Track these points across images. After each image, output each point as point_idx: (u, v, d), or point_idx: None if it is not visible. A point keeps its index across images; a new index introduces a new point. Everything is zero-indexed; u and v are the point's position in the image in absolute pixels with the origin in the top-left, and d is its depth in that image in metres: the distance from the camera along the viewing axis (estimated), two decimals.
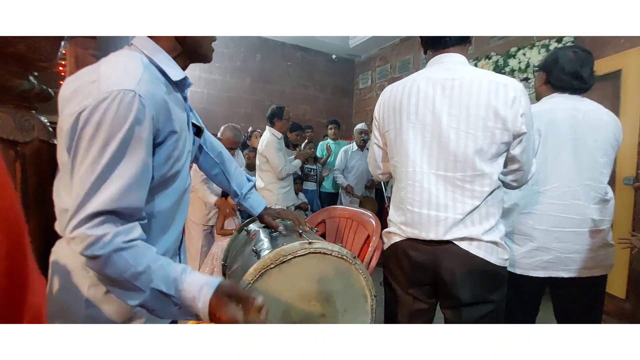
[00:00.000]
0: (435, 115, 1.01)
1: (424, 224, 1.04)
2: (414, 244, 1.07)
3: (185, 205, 0.83)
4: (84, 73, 0.66)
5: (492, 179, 1.00)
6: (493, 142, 0.98)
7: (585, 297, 1.34)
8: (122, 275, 0.60)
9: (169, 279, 0.62)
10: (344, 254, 0.95)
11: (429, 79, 1.04)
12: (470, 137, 0.98)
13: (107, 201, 0.59)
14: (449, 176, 1.01)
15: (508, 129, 0.97)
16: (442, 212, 1.01)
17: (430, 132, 1.02)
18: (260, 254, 0.95)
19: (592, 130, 1.28)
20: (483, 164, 0.99)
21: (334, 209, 1.59)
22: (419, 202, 1.04)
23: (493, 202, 1.03)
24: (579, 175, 1.28)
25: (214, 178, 1.11)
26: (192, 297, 0.61)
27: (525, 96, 0.99)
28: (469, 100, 0.98)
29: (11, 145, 0.73)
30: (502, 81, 0.98)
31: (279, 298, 0.90)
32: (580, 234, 1.28)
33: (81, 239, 0.58)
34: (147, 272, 0.61)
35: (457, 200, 1.01)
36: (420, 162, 1.04)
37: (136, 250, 0.61)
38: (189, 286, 0.62)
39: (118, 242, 0.59)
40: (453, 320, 1.06)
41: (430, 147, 1.03)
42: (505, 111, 0.96)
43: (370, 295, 0.98)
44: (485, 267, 1.00)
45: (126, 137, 0.60)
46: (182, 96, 0.79)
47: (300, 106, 5.92)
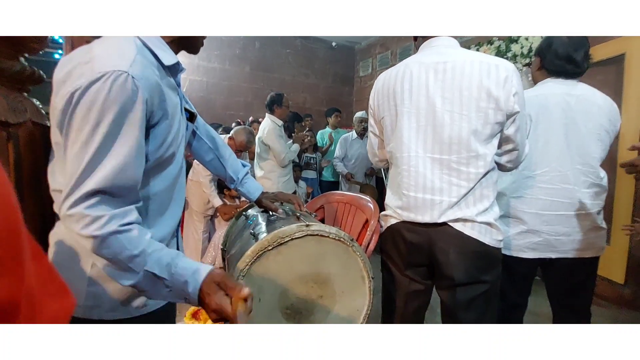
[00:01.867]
0: (429, 99, 1.02)
1: (420, 208, 1.05)
2: (409, 226, 1.09)
3: (180, 189, 0.83)
4: (77, 54, 0.65)
5: (486, 160, 1.01)
6: (487, 122, 0.99)
7: (574, 277, 1.37)
8: (117, 257, 0.61)
9: (162, 263, 0.63)
10: (342, 236, 0.95)
11: (422, 63, 1.05)
12: (464, 119, 0.99)
13: (103, 179, 0.59)
14: (445, 159, 1.02)
15: (501, 109, 0.98)
16: (437, 196, 1.03)
17: (425, 116, 1.03)
18: (258, 236, 0.95)
19: (585, 114, 1.29)
20: (478, 144, 1.00)
21: (332, 195, 1.59)
22: (414, 186, 1.06)
23: (487, 184, 1.04)
24: (570, 159, 1.30)
25: (209, 164, 1.11)
26: (184, 281, 0.63)
27: (517, 76, 1.00)
28: (461, 82, 0.98)
29: (4, 127, 0.72)
30: (494, 62, 0.99)
31: (277, 279, 0.91)
32: (569, 217, 1.31)
33: (78, 218, 0.59)
34: (141, 255, 0.62)
35: (453, 184, 1.02)
36: (415, 146, 1.05)
37: (132, 234, 0.62)
38: (182, 270, 0.63)
39: (114, 225, 0.60)
40: (448, 301, 1.08)
41: (425, 131, 1.04)
42: (497, 91, 0.97)
43: (367, 277, 0.98)
44: (479, 248, 1.02)
45: (119, 117, 0.60)
46: (174, 81, 0.78)
47: (300, 94, 5.88)
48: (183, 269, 0.64)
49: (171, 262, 0.64)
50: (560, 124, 1.30)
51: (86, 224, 0.58)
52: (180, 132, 0.79)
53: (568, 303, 1.41)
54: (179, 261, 0.65)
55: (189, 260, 0.66)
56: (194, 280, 0.63)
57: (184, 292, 0.63)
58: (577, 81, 1.35)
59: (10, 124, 0.73)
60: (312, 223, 0.94)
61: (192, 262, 0.66)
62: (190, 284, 0.63)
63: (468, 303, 1.04)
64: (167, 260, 0.64)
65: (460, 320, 1.06)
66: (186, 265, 0.64)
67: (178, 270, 0.63)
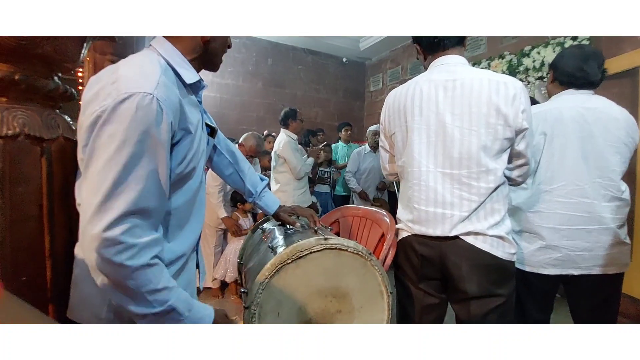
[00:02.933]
0: (438, 115, 1.04)
1: (431, 222, 1.07)
2: (421, 239, 1.10)
3: (200, 205, 0.84)
4: (104, 75, 0.67)
5: (496, 175, 1.03)
6: (496, 138, 1.01)
7: (598, 295, 1.33)
8: (140, 289, 0.60)
9: (183, 300, 0.67)
10: (360, 250, 0.95)
11: (431, 80, 1.07)
12: (473, 134, 1.01)
13: (133, 201, 0.59)
14: (455, 174, 1.04)
15: (510, 125, 1.00)
16: (448, 210, 1.04)
17: (435, 132, 1.05)
18: (276, 250, 0.95)
19: (602, 127, 1.28)
20: (488, 159, 1.02)
21: (347, 209, 1.59)
22: (425, 200, 1.07)
23: (498, 198, 1.05)
24: (588, 173, 1.28)
25: (228, 178, 1.12)
26: (200, 317, 0.70)
27: (525, 93, 1.03)
28: (470, 99, 1.01)
29: (38, 142, 0.75)
30: (502, 79, 1.02)
31: (295, 293, 0.91)
32: (590, 232, 1.28)
33: (113, 243, 0.57)
34: (164, 290, 0.63)
35: (464, 198, 1.03)
36: (426, 161, 1.07)
37: (158, 269, 0.63)
38: (197, 307, 0.71)
39: (146, 258, 0.60)
40: (462, 315, 1.07)
41: (435, 146, 1.06)
42: (506, 108, 0.99)
43: (386, 292, 0.97)
44: (492, 261, 1.02)
45: (145, 137, 0.60)
46: (196, 98, 0.80)
47: (312, 109, 5.95)
48: (199, 307, 0.71)
49: (188, 300, 0.68)
50: (576, 137, 1.28)
51: (119, 251, 0.58)
52: (201, 148, 0.81)
53: (592, 321, 1.36)
54: (193, 300, 0.70)
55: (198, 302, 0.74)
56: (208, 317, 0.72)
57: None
58: (592, 93, 1.35)
59: (44, 139, 0.76)
60: (331, 237, 0.95)
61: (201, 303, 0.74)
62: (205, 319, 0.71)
63: (483, 317, 1.03)
64: (185, 297, 0.68)
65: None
66: (199, 305, 0.72)
67: (194, 307, 0.69)
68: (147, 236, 0.61)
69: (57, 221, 0.78)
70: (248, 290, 0.92)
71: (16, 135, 0.72)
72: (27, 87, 0.76)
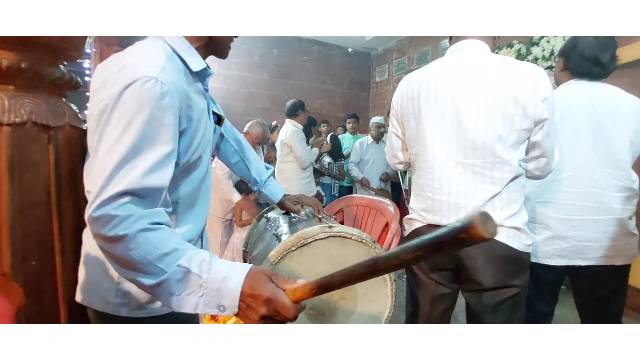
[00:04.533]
0: (454, 103, 1.01)
1: (445, 211, 1.04)
2: (434, 230, 1.06)
3: (206, 191, 0.85)
4: (111, 63, 0.67)
5: (512, 166, 0.99)
6: (513, 129, 0.97)
7: (605, 286, 1.32)
8: (146, 257, 0.56)
9: (197, 260, 0.58)
10: (364, 238, 0.95)
11: (447, 67, 1.04)
12: (489, 124, 0.97)
13: (131, 181, 0.58)
14: (469, 163, 1.01)
15: (528, 116, 0.96)
16: (462, 199, 1.02)
17: (449, 121, 1.02)
18: (281, 237, 0.96)
19: (612, 116, 1.25)
20: (503, 150, 0.98)
21: (351, 198, 1.59)
22: (438, 189, 1.05)
23: (515, 188, 1.02)
24: (598, 162, 1.26)
25: (234, 166, 1.13)
26: (223, 277, 0.56)
27: (547, 81, 0.98)
28: (487, 88, 0.97)
29: (45, 129, 0.76)
30: (522, 67, 0.97)
31: None
32: (598, 222, 1.26)
33: (105, 220, 0.55)
34: (173, 253, 0.57)
35: (477, 187, 1.01)
36: (439, 150, 1.04)
37: (161, 233, 0.59)
38: (220, 265, 0.58)
39: (143, 223, 0.57)
40: (474, 305, 1.06)
41: (449, 134, 1.03)
42: (525, 98, 0.95)
43: (389, 279, 0.98)
44: (508, 252, 1.00)
45: (149, 120, 0.60)
46: (202, 86, 0.80)
47: (318, 100, 5.93)
48: (220, 265, 0.58)
49: (207, 259, 0.58)
50: (586, 126, 1.26)
51: (114, 225, 0.55)
52: (207, 136, 0.81)
53: (597, 313, 1.36)
54: (215, 259, 0.59)
55: (226, 260, 0.61)
56: (235, 275, 0.56)
57: (220, 292, 0.56)
58: (602, 82, 1.32)
59: (51, 127, 0.77)
60: (335, 225, 0.95)
61: (229, 261, 0.61)
62: (230, 279, 0.56)
63: (495, 307, 1.02)
64: (202, 257, 0.58)
65: (486, 323, 1.04)
66: (223, 262, 0.59)
67: (214, 266, 0.57)
68: (145, 209, 0.59)
69: (64, 207, 0.79)
70: None
71: (24, 122, 0.73)
72: (34, 75, 0.77)
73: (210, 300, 0.56)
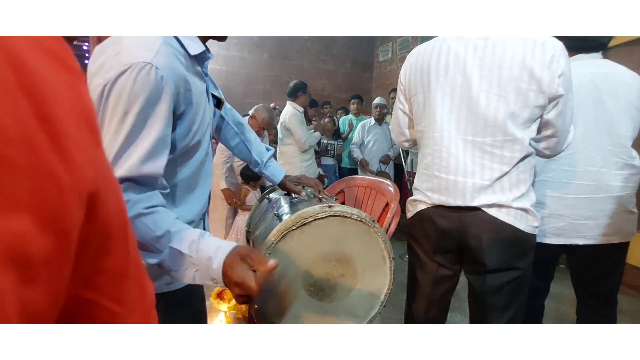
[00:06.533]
0: (465, 77, 0.97)
1: (451, 190, 1.02)
2: (440, 211, 1.06)
3: (206, 175, 0.87)
4: (109, 45, 0.67)
5: (523, 145, 0.96)
6: (526, 105, 0.93)
7: (602, 264, 1.33)
8: (143, 239, 0.63)
9: (187, 240, 0.64)
10: (363, 217, 0.97)
11: (461, 38, 0.98)
12: (501, 100, 0.93)
13: (129, 168, 0.61)
14: (478, 141, 0.98)
15: (543, 91, 0.92)
16: (469, 178, 0.99)
17: (460, 95, 0.98)
18: (282, 217, 0.98)
19: (612, 92, 1.24)
20: (514, 128, 0.95)
21: (352, 179, 1.61)
22: (445, 167, 1.02)
23: (525, 168, 1.00)
24: (597, 140, 1.25)
25: (234, 149, 1.14)
26: (209, 257, 0.63)
27: (565, 55, 0.93)
28: (502, 60, 0.92)
29: None
30: (540, 39, 0.92)
31: (300, 258, 0.94)
32: (595, 200, 1.27)
33: None
34: (166, 235, 0.63)
35: (485, 167, 0.98)
36: (448, 126, 1.01)
37: (156, 216, 0.64)
38: (206, 246, 0.64)
39: (139, 208, 0.62)
40: (477, 286, 1.06)
41: (459, 110, 0.99)
42: (541, 72, 0.90)
43: (388, 257, 1.00)
44: (514, 234, 0.99)
45: (145, 107, 0.62)
46: (201, 69, 0.80)
47: (319, 81, 5.86)
48: (207, 245, 0.64)
49: (196, 239, 0.65)
50: (586, 104, 1.24)
51: None
52: (206, 120, 0.81)
53: (594, 291, 1.38)
54: (204, 238, 0.66)
55: (215, 238, 0.68)
56: (218, 255, 0.63)
57: (209, 269, 0.63)
58: (600, 56, 1.30)
59: None
60: (335, 205, 0.97)
61: (218, 239, 0.67)
62: (214, 259, 0.63)
63: (498, 288, 1.02)
64: (192, 237, 0.65)
65: (488, 304, 1.05)
66: (211, 242, 0.65)
67: (202, 246, 0.64)
68: (139, 195, 0.63)
69: None
70: None
71: None
72: None
73: (203, 274, 0.65)
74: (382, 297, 1.03)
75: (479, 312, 1.10)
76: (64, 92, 0.21)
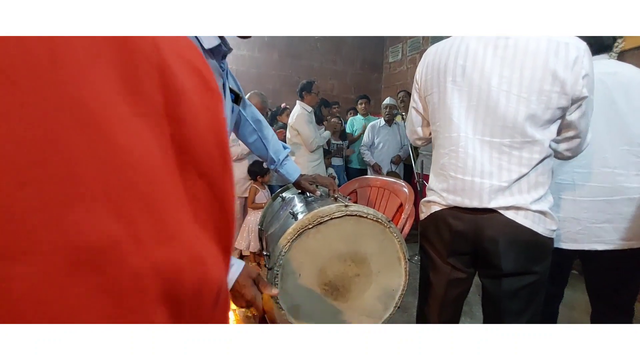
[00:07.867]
0: (484, 76, 0.95)
1: (467, 191, 1.00)
2: (455, 213, 1.04)
3: None
4: None
5: (543, 146, 0.94)
6: (548, 107, 0.91)
7: (620, 271, 1.28)
8: None
9: None
10: (379, 217, 0.97)
11: (480, 37, 0.96)
12: (522, 102, 0.91)
13: None
14: (495, 142, 0.96)
15: (567, 93, 0.90)
16: (486, 179, 0.97)
17: (477, 95, 0.96)
18: (297, 215, 0.98)
19: (623, 92, 1.20)
20: (534, 130, 0.93)
21: (365, 179, 1.60)
22: (462, 168, 1.00)
23: (543, 170, 0.98)
24: (610, 141, 1.22)
25: (252, 145, 1.14)
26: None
27: (589, 56, 0.91)
28: (523, 61, 0.90)
29: None
30: (563, 39, 0.90)
31: (316, 257, 0.94)
32: (612, 203, 1.22)
33: None
34: None
35: (503, 168, 0.96)
36: (464, 127, 0.99)
37: None
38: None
39: None
40: (492, 290, 1.04)
41: (476, 110, 0.97)
42: (565, 73, 0.88)
43: (404, 258, 1.00)
44: (531, 237, 0.96)
45: None
46: (217, 63, 0.79)
47: (329, 81, 5.85)
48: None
49: None
50: (597, 104, 1.21)
51: None
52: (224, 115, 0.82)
53: (609, 298, 1.34)
54: None
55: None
56: (231, 273, 0.69)
57: None
58: (607, 57, 1.27)
59: None
60: (351, 204, 0.97)
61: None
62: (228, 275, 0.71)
63: (514, 293, 1.00)
64: None
65: (503, 309, 1.03)
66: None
67: None
68: None
69: None
70: (270, 254, 0.96)
71: None
72: None
73: None
74: (396, 298, 1.03)
75: (493, 316, 1.08)
76: (202, 115, 0.21)
